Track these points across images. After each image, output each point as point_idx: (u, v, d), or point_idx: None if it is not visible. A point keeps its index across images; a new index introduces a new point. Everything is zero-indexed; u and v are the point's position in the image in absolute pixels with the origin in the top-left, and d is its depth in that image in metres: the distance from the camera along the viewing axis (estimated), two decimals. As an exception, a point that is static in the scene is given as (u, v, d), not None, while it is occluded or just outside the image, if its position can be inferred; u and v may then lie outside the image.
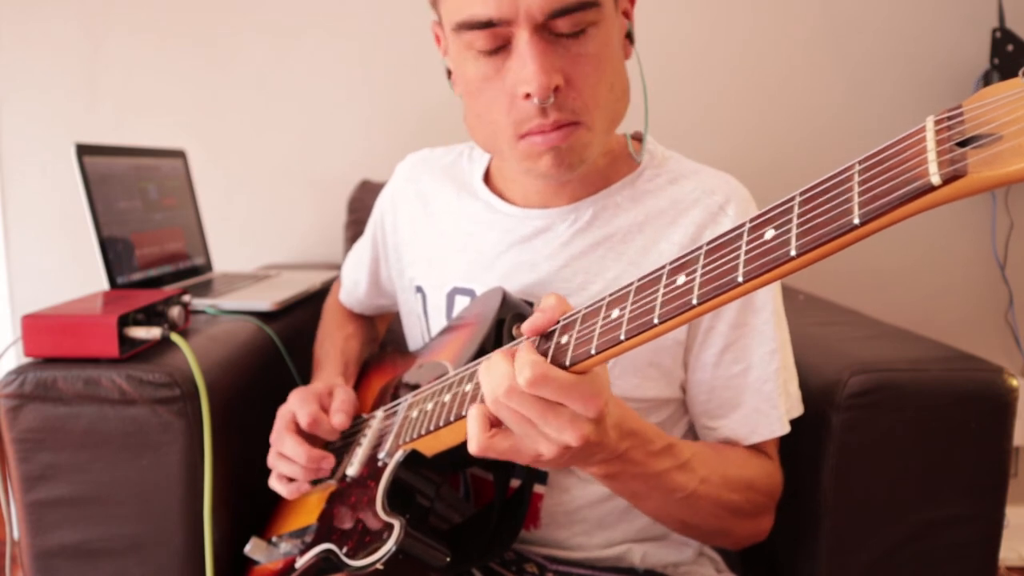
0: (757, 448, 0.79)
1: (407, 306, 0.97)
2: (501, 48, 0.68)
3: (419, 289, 0.92)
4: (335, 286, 1.14)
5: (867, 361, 0.85)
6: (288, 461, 0.79)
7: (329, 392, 0.85)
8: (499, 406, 0.54)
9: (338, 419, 0.81)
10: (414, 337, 0.96)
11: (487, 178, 0.89)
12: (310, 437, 0.82)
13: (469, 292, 0.85)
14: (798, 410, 0.80)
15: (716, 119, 1.73)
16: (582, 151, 0.71)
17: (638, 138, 0.86)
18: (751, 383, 0.77)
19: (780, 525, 0.82)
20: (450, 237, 0.89)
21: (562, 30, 0.67)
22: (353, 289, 1.07)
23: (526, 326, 0.56)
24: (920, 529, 0.83)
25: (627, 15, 0.78)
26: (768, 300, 0.77)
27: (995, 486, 0.83)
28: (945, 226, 1.73)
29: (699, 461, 0.70)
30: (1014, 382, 0.81)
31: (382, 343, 1.15)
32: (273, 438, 0.81)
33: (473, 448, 0.57)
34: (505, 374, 0.53)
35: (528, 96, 0.67)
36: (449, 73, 0.79)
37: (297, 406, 0.81)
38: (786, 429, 0.78)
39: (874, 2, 1.68)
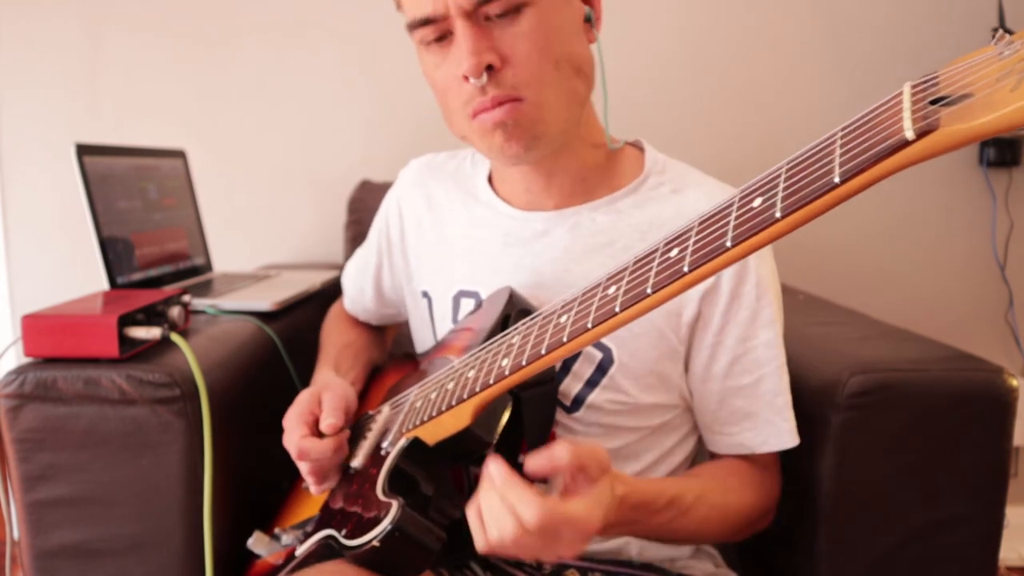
0: (761, 462, 0.80)
1: (415, 312, 0.97)
2: (446, 37, 0.73)
3: (425, 294, 0.92)
4: (340, 298, 1.13)
5: (867, 361, 0.85)
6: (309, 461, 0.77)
7: (318, 400, 0.80)
8: (505, 548, 0.58)
9: (327, 423, 0.76)
10: (423, 342, 0.96)
11: (490, 181, 0.89)
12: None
13: (473, 295, 0.85)
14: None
15: (714, 119, 1.72)
16: (531, 127, 0.73)
17: (638, 146, 0.87)
18: (763, 394, 0.78)
19: (780, 525, 0.82)
20: (454, 241, 0.89)
21: (494, 13, 0.70)
22: (359, 297, 1.06)
23: (529, 464, 0.61)
24: (920, 529, 0.83)
25: (587, 0, 0.79)
26: (776, 318, 0.78)
27: (995, 486, 0.83)
28: (945, 226, 1.73)
29: (702, 502, 0.73)
30: (1014, 382, 0.81)
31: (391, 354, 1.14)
32: (296, 454, 0.78)
33: (481, 548, 0.60)
34: (511, 523, 0.56)
35: (466, 77, 0.71)
36: None
37: (286, 439, 0.78)
38: (796, 441, 0.79)
39: (874, 2, 1.68)
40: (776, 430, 0.78)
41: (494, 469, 0.59)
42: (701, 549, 0.87)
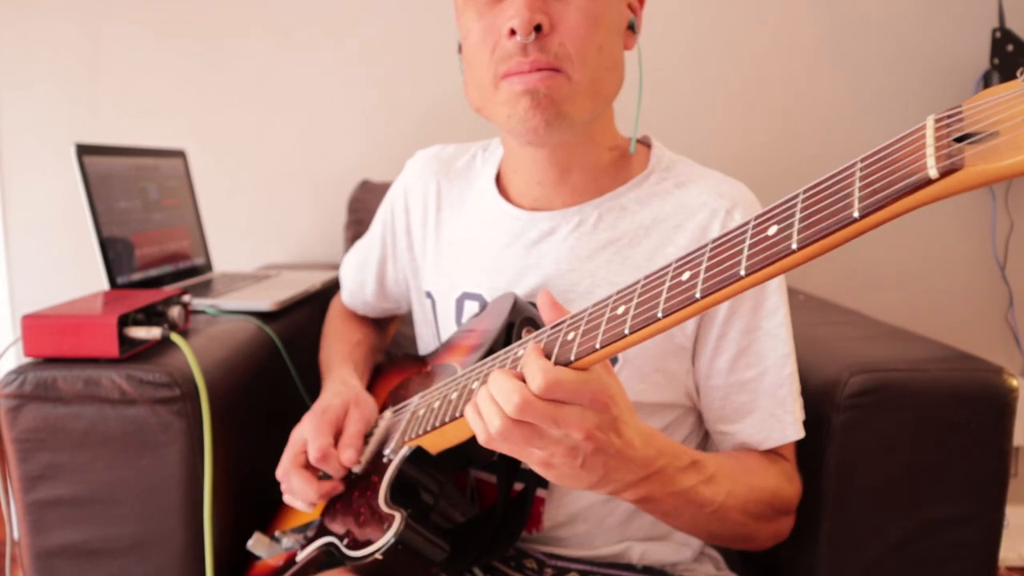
0: (775, 452, 0.79)
1: (419, 310, 0.96)
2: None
3: (429, 295, 0.91)
4: (338, 292, 1.13)
5: (867, 361, 0.84)
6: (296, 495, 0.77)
7: (346, 411, 0.81)
8: (509, 426, 0.53)
9: (347, 456, 0.76)
10: (426, 342, 0.95)
11: (498, 180, 0.89)
12: None
13: (477, 297, 0.85)
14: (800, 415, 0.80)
15: (716, 121, 1.72)
16: (560, 102, 0.72)
17: (646, 143, 0.86)
18: (765, 387, 0.77)
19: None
20: (460, 242, 0.89)
21: None
22: (359, 291, 1.05)
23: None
24: (920, 529, 0.83)
25: (632, 9, 0.79)
26: (780, 304, 0.77)
27: (995, 486, 0.83)
28: (945, 226, 1.73)
29: (724, 474, 0.70)
30: (1014, 382, 0.81)
31: (389, 352, 1.14)
32: (280, 473, 0.78)
33: (482, 439, 0.56)
34: (513, 388, 0.52)
35: (512, 33, 0.70)
36: (460, 48, 0.81)
37: (311, 435, 0.78)
38: (800, 434, 0.78)
39: (875, 3, 1.68)
40: (779, 423, 0.77)
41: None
42: (704, 553, 0.86)
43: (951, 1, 1.67)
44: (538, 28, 0.69)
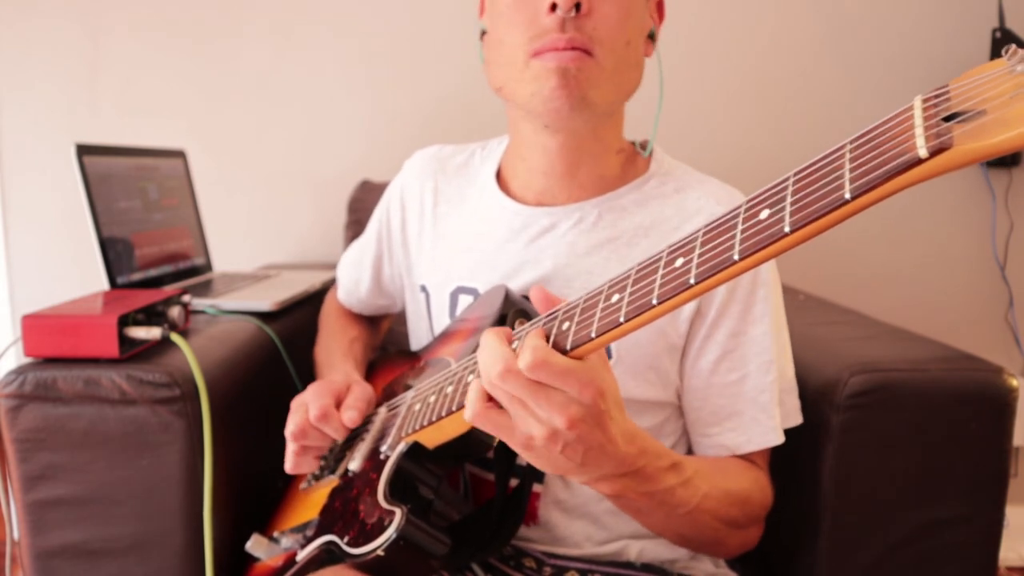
0: (749, 459, 0.79)
1: (412, 305, 0.97)
2: None
3: (423, 289, 0.92)
4: (332, 289, 1.13)
5: (867, 361, 0.85)
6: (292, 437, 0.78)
7: (347, 387, 0.82)
8: (493, 387, 0.54)
9: (348, 415, 0.78)
10: (419, 337, 0.96)
11: (498, 177, 0.89)
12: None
13: (472, 291, 0.85)
14: (795, 420, 0.81)
15: (715, 121, 1.72)
16: (587, 86, 0.73)
17: (645, 146, 0.87)
18: (746, 392, 0.78)
19: (780, 525, 0.82)
20: (457, 237, 0.89)
21: None
22: (354, 288, 1.05)
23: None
24: (920, 529, 0.83)
25: (654, 20, 0.82)
26: (767, 311, 0.78)
27: (995, 486, 0.83)
28: (945, 226, 1.73)
29: (701, 477, 0.70)
30: (1014, 382, 0.82)
31: (383, 346, 1.14)
32: (296, 432, 0.79)
33: (467, 415, 0.57)
34: (501, 356, 0.53)
35: (553, 9, 0.71)
36: (482, 35, 0.82)
37: (311, 397, 0.79)
38: (780, 439, 0.78)
39: (874, 3, 1.68)
40: (760, 428, 0.78)
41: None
42: (702, 549, 0.87)
43: (951, 1, 1.67)
44: (577, 7, 0.71)
